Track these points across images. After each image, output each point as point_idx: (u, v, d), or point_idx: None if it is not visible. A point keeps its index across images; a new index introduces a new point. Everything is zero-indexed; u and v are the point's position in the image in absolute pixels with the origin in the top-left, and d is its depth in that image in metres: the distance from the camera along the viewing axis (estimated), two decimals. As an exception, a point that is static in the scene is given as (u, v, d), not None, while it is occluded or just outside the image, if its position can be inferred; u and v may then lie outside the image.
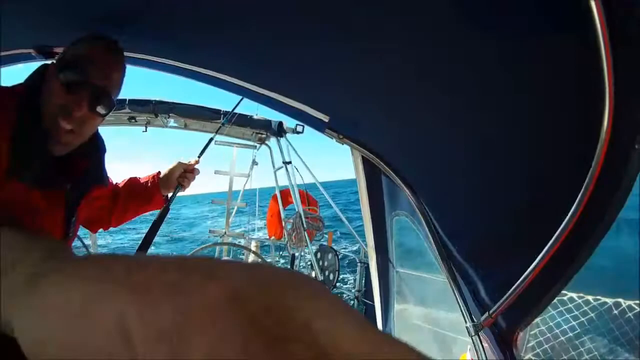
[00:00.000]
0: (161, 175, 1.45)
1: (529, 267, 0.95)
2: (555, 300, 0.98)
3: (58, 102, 0.88)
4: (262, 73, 1.31)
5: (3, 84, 0.98)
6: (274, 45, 1.12)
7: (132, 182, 1.42)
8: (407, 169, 1.27)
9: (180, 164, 1.48)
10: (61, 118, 0.88)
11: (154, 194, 1.43)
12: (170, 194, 1.48)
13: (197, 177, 1.52)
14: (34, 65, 1.52)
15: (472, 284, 1.16)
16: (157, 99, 3.80)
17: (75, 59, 0.91)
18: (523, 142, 0.93)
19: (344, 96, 1.25)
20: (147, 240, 1.20)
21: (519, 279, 0.98)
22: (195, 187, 1.62)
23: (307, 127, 1.34)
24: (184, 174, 1.47)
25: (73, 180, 0.99)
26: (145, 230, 1.27)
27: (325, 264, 3.28)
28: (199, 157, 1.61)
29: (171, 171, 1.46)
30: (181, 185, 1.47)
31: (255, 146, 4.48)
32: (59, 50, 1.45)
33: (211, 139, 1.95)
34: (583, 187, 0.78)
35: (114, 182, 1.38)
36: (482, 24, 0.77)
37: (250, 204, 5.00)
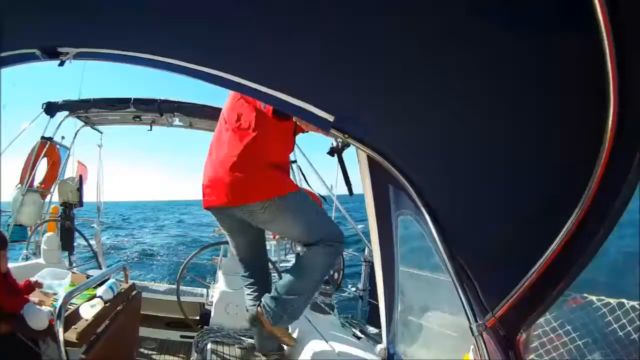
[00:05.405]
0: None
1: (532, 267, 0.95)
2: (559, 301, 0.98)
3: None
4: (267, 72, 1.31)
5: (4, 83, 1.03)
6: (278, 43, 1.12)
7: None
8: (412, 168, 1.27)
9: None
10: None
11: None
12: None
13: None
14: (36, 65, 1.54)
15: (476, 284, 1.16)
16: (162, 98, 3.82)
17: None
18: (527, 144, 0.93)
19: (349, 95, 1.25)
20: None
21: (522, 280, 0.98)
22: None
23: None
24: None
25: None
26: None
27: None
28: None
29: None
30: None
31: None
32: (64, 50, 1.46)
33: None
34: (586, 189, 0.78)
35: None
36: (492, 23, 0.77)
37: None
